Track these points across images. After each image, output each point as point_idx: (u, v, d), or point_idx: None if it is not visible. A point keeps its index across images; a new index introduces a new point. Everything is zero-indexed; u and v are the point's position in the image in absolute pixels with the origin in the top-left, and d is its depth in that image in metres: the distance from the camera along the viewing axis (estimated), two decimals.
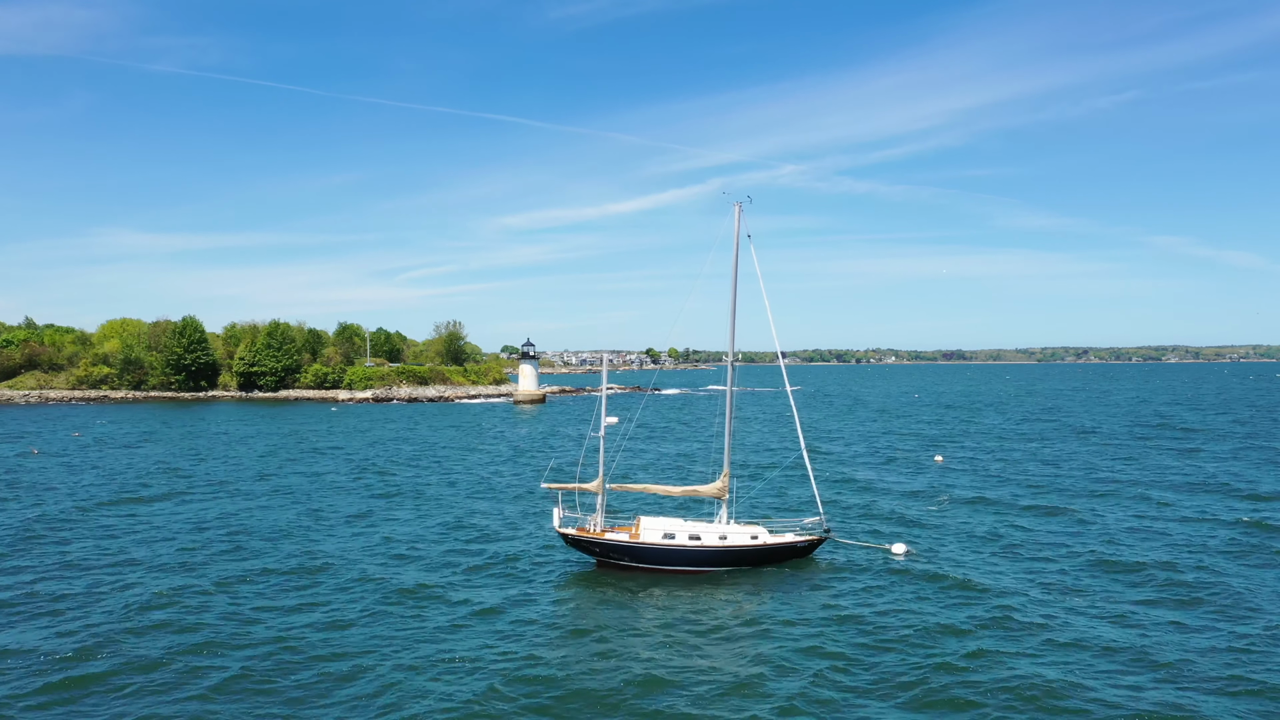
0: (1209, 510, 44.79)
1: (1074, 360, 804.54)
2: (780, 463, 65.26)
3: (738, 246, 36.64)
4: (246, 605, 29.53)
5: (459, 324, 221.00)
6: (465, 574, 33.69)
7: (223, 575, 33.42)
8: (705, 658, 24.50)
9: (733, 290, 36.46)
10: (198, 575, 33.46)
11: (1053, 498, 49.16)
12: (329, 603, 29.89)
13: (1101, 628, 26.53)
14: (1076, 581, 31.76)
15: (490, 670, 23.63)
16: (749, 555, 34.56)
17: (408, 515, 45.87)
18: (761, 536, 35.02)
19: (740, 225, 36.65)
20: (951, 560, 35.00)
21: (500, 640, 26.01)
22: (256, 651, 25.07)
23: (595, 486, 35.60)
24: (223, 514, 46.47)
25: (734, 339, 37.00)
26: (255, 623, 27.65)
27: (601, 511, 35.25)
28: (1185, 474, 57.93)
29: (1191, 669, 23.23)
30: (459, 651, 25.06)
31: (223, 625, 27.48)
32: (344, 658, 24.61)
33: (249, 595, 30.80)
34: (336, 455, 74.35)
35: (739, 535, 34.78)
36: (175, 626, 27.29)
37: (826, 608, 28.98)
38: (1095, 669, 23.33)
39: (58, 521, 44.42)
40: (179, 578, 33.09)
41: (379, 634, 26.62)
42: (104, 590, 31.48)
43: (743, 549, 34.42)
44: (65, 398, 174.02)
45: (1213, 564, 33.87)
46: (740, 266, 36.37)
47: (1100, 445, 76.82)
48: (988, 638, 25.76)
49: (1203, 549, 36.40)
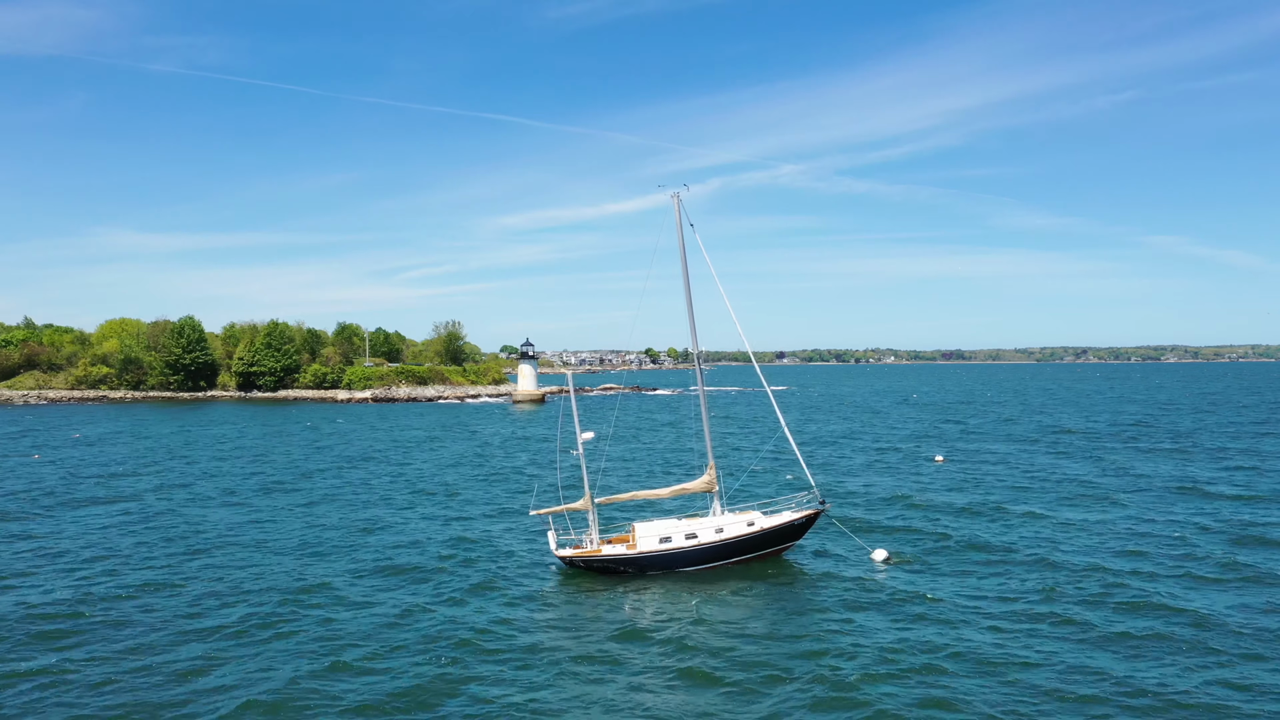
0: (1196, 520, 45.11)
1: (1073, 360, 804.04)
2: (765, 452, 65.59)
3: (682, 240, 36.61)
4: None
5: (458, 324, 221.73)
6: (451, 586, 33.93)
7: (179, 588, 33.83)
8: (677, 668, 24.91)
9: (685, 285, 36.70)
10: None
11: (1051, 502, 49.49)
12: (309, 613, 30.32)
13: (1075, 656, 26.94)
14: (1061, 608, 32.06)
15: (479, 682, 24.07)
16: (748, 543, 34.79)
17: (391, 524, 46.26)
18: (758, 522, 35.19)
19: (682, 216, 36.62)
20: (934, 571, 35.27)
21: (489, 649, 26.39)
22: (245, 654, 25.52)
23: (583, 504, 35.62)
24: (179, 520, 46.90)
25: (695, 335, 37.33)
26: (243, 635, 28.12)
27: (594, 527, 35.43)
28: (1175, 479, 58.27)
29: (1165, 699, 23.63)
30: (442, 661, 25.48)
31: (192, 648, 27.91)
32: (336, 671, 25.04)
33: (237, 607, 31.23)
34: (338, 459, 74.79)
35: (736, 524, 34.91)
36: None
37: (807, 620, 29.36)
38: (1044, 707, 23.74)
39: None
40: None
41: (357, 641, 27.04)
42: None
43: (741, 539, 34.63)
44: (64, 398, 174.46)
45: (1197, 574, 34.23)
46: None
47: (1100, 447, 77.19)
48: (955, 659, 26.17)
49: (1189, 559, 36.71)
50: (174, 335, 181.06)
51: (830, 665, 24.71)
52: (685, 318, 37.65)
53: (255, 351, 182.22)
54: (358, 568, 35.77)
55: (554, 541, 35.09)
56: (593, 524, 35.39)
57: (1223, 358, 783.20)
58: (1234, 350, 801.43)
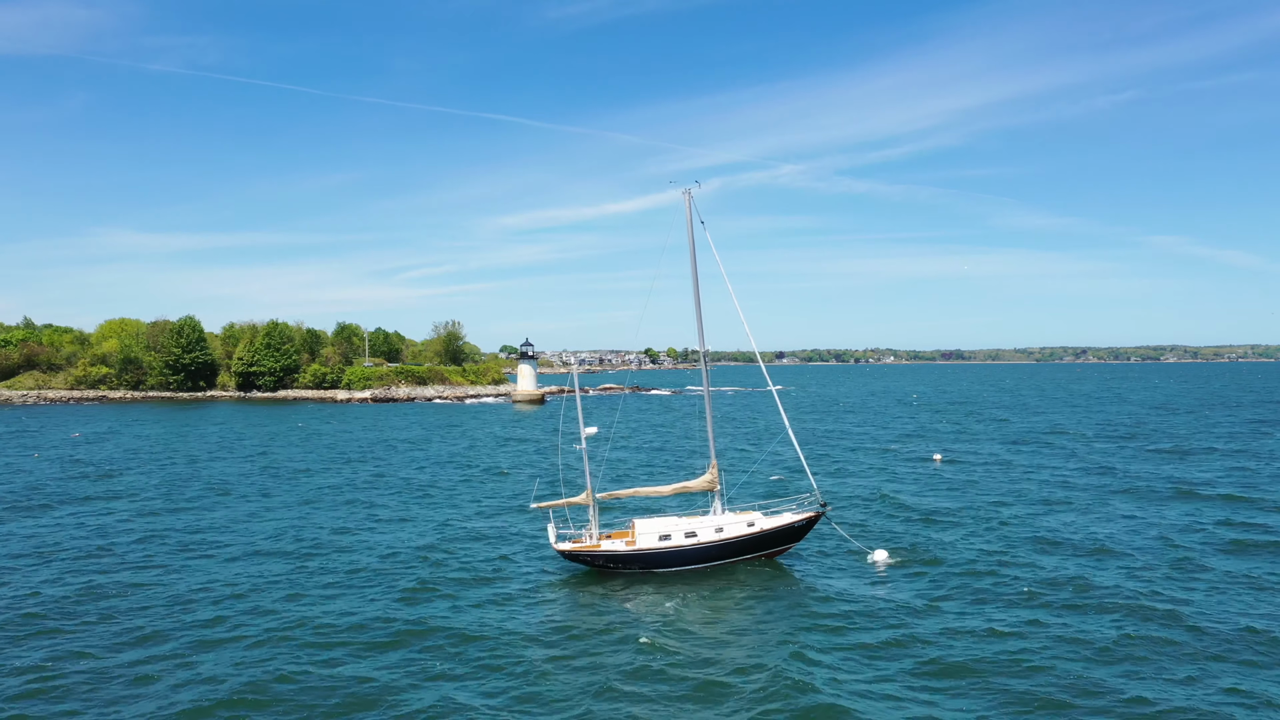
0: (1197, 522, 45.17)
1: (1072, 360, 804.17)
2: (768, 452, 65.65)
3: (692, 235, 36.46)
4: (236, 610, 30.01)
5: (458, 324, 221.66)
6: (451, 583, 33.98)
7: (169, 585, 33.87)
8: (673, 667, 24.95)
9: (694, 283, 36.46)
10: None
11: (1048, 502, 49.56)
12: (314, 610, 30.36)
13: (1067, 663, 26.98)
14: (1056, 615, 32.12)
15: (479, 679, 24.10)
16: (748, 544, 34.81)
17: (390, 519, 46.29)
18: (758, 523, 35.20)
19: (693, 213, 36.49)
20: (931, 571, 35.32)
21: (489, 647, 26.43)
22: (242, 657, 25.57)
23: (584, 499, 35.73)
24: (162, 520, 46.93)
25: (702, 333, 37.01)
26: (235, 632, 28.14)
27: (595, 522, 35.47)
28: (1171, 482, 58.33)
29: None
30: (444, 660, 25.53)
31: (179, 635, 27.95)
32: (335, 667, 25.09)
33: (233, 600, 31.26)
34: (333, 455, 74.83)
35: (735, 524, 34.94)
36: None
37: (802, 618, 29.42)
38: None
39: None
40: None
41: (359, 643, 27.07)
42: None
43: (740, 539, 34.66)
44: (63, 398, 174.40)
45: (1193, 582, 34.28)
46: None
47: (1093, 449, 77.26)
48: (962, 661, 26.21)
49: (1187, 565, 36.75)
50: (173, 335, 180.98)
51: (826, 666, 24.76)
52: (685, 317, 38.12)
53: (255, 351, 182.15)
54: (350, 563, 35.83)
55: (553, 535, 35.19)
56: (593, 519, 35.42)
57: (1222, 358, 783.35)
58: (1233, 350, 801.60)
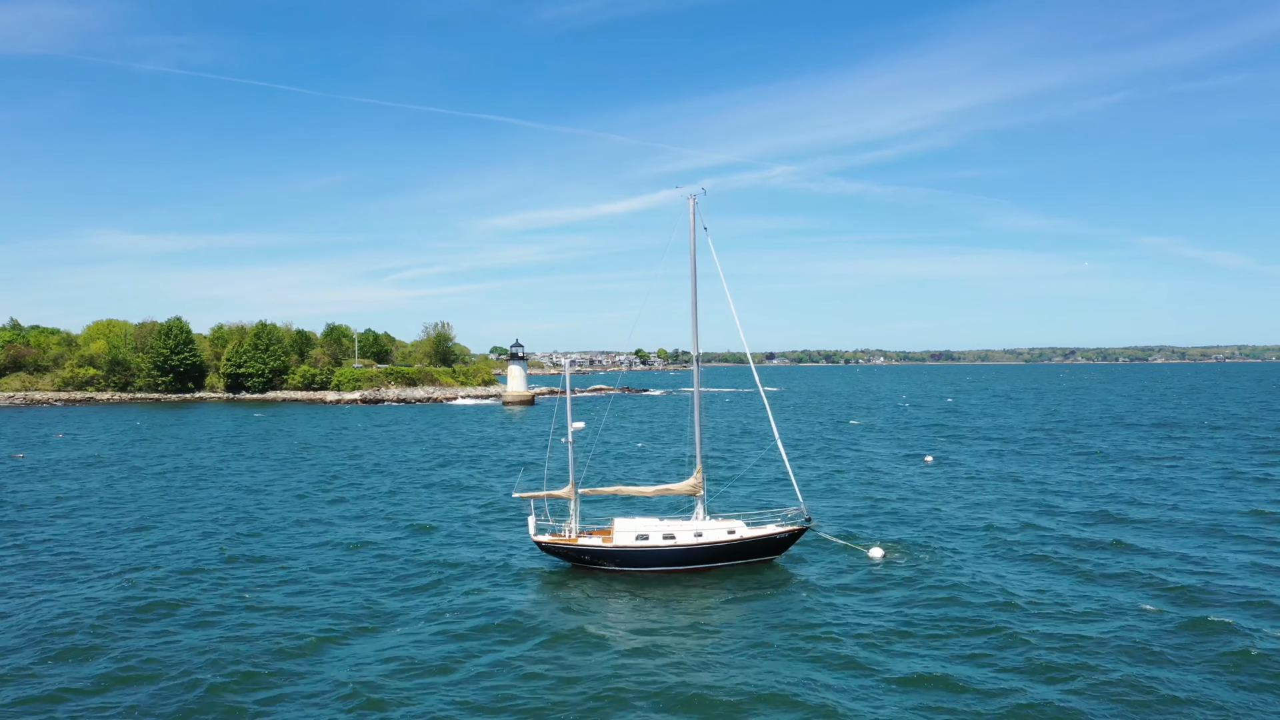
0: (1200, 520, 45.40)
1: (1061, 361, 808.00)
2: (756, 457, 65.69)
3: (694, 242, 36.74)
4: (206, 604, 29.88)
5: (448, 325, 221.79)
6: (433, 579, 33.87)
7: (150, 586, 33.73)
8: (665, 667, 24.95)
9: (693, 288, 36.73)
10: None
11: (1045, 502, 49.76)
12: (290, 604, 30.26)
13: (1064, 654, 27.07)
14: (1049, 600, 32.24)
15: (459, 676, 24.05)
16: (726, 551, 34.63)
17: (376, 518, 46.17)
18: (739, 531, 35.01)
19: (696, 219, 36.77)
20: (931, 567, 35.37)
21: (468, 645, 26.38)
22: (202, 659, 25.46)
23: (567, 492, 35.83)
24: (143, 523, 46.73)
25: (697, 337, 37.25)
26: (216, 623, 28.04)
27: (575, 516, 35.55)
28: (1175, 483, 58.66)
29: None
30: (426, 656, 25.46)
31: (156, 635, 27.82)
32: (305, 662, 24.99)
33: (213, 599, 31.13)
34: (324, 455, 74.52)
35: (715, 531, 34.76)
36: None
37: (798, 612, 29.44)
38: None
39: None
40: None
41: (340, 637, 26.99)
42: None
43: (719, 545, 34.48)
44: (50, 399, 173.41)
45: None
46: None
47: (1088, 450, 77.64)
48: (964, 658, 26.28)
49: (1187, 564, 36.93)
50: (161, 336, 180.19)
51: (815, 666, 24.80)
52: (676, 318, 38.29)
53: (243, 353, 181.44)
54: (341, 558, 35.74)
55: (533, 526, 35.34)
56: (574, 513, 35.52)
57: (1210, 358, 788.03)
58: (1221, 351, 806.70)
